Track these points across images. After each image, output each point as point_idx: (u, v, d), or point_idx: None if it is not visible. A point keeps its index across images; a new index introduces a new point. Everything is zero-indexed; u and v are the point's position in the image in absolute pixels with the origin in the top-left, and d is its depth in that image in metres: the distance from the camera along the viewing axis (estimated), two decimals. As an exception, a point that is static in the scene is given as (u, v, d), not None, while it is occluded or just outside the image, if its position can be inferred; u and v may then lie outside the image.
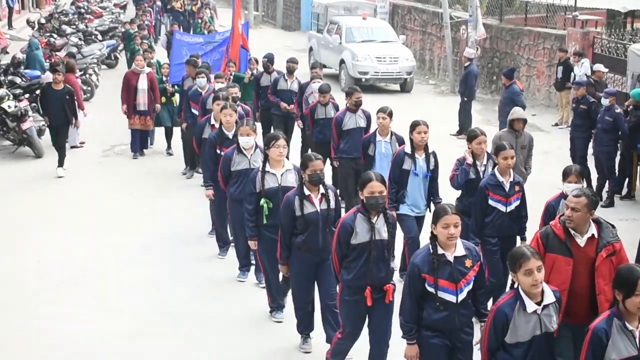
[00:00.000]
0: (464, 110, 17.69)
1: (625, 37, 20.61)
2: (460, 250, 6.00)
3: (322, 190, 7.45)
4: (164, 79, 15.76)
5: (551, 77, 20.06)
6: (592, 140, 13.45)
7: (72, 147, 16.25)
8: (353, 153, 11.09)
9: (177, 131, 15.17)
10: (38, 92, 17.45)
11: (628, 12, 24.38)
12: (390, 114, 10.22)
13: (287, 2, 38.94)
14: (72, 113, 14.48)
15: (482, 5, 23.65)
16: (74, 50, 21.69)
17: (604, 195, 13.02)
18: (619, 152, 13.26)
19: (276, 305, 8.56)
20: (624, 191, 13.30)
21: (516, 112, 10.91)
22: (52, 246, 10.91)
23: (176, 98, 15.32)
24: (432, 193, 9.28)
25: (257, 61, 15.90)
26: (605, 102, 12.86)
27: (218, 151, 9.71)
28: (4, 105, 15.12)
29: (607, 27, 22.87)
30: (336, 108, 12.34)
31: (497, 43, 23.09)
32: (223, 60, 15.69)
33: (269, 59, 15.14)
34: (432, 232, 6.00)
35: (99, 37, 26.65)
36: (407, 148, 9.22)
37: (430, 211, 9.04)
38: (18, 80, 17.32)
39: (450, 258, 5.95)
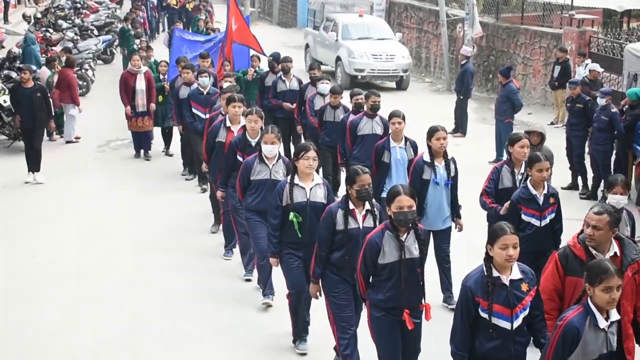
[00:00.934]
0: (460, 108, 17.70)
1: (622, 36, 20.61)
2: (516, 274, 5.56)
3: (367, 206, 6.88)
4: (162, 77, 15.47)
5: (547, 76, 20.07)
6: (588, 139, 13.47)
7: (67, 142, 16.27)
8: (366, 161, 10.24)
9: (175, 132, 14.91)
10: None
11: (624, 12, 24.41)
12: (404, 118, 9.72)
13: (283, -2, 38.93)
14: (45, 113, 13.67)
15: (478, 4, 23.65)
16: (70, 45, 21.63)
17: (599, 194, 13.04)
18: (614, 152, 13.28)
19: (300, 336, 7.87)
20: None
21: (534, 124, 10.23)
22: (47, 241, 10.90)
23: None
24: (452, 202, 8.81)
25: (259, 59, 15.60)
26: (601, 101, 12.86)
27: (239, 157, 9.08)
28: (0, 99, 15.08)
29: (604, 26, 22.89)
30: (346, 111, 11.88)
31: (494, 41, 23.10)
32: (218, 61, 15.32)
33: (275, 58, 14.69)
34: (487, 253, 5.54)
35: (95, 32, 26.60)
36: (426, 156, 8.67)
37: (454, 221, 8.88)
38: (14, 74, 17.28)
39: (506, 281, 5.52)
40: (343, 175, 11.39)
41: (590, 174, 13.39)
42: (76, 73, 18.20)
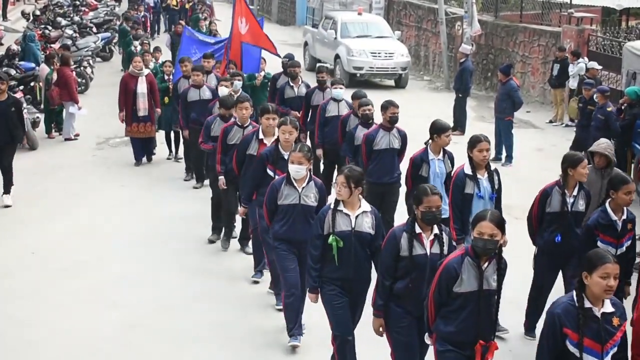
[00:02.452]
0: (459, 107, 17.71)
1: (620, 34, 20.67)
2: (608, 306, 5.07)
3: (436, 230, 6.25)
4: (166, 77, 14.64)
5: (546, 74, 20.10)
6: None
7: (66, 139, 16.26)
8: (382, 177, 9.76)
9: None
10: (32, 83, 17.50)
11: (623, 10, 24.46)
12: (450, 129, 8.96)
13: (282, -4, 38.93)
14: (19, 129, 12.19)
15: (477, 2, 23.67)
16: (69, 42, 21.63)
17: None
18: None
19: None
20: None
21: (600, 143, 8.95)
22: (46, 238, 10.90)
23: None
24: None
25: (264, 60, 15.03)
26: (595, 98, 12.99)
27: (269, 171, 8.29)
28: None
29: (602, 24, 22.96)
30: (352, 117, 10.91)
31: (492, 39, 23.11)
32: (222, 62, 14.68)
33: (290, 59, 13.88)
34: (580, 281, 5.05)
35: (94, 29, 26.63)
36: (467, 168, 7.95)
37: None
38: (13, 71, 17.31)
39: (598, 314, 5.03)
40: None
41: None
42: (75, 70, 18.22)
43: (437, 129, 8.77)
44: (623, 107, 13.24)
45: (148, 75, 14.21)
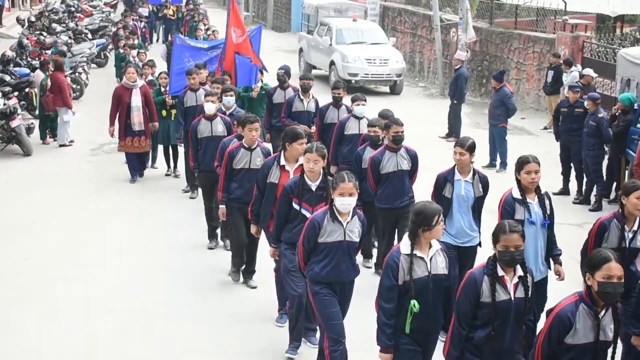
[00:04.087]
0: (454, 113, 17.74)
1: (615, 41, 20.70)
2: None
3: (520, 272, 5.63)
4: (162, 89, 13.90)
5: (540, 80, 20.12)
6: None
7: (60, 145, 16.25)
8: (393, 202, 9.21)
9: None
10: (27, 90, 17.49)
11: (617, 17, 24.52)
12: (471, 148, 8.01)
13: (277, 3, 38.93)
14: None
15: (472, 9, 23.70)
16: (64, 48, 21.62)
17: (592, 199, 13.08)
18: (606, 156, 13.32)
19: None
20: (612, 195, 13.34)
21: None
22: (40, 244, 10.88)
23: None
24: (548, 245, 7.35)
25: (261, 72, 14.26)
26: (586, 105, 13.02)
27: (295, 205, 7.48)
28: (-5, 103, 15.08)
29: (597, 31, 22.98)
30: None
31: (487, 46, 23.16)
32: (216, 73, 13.79)
33: (286, 71, 13.33)
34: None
35: (89, 35, 26.63)
36: (515, 192, 7.26)
37: (551, 269, 7.42)
38: (7, 77, 17.30)
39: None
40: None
41: (584, 179, 13.40)
42: (70, 77, 18.20)
43: (454, 144, 8.18)
44: (617, 114, 13.27)
45: (142, 87, 13.46)
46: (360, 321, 7.51)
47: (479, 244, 8.15)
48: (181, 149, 13.56)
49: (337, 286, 6.82)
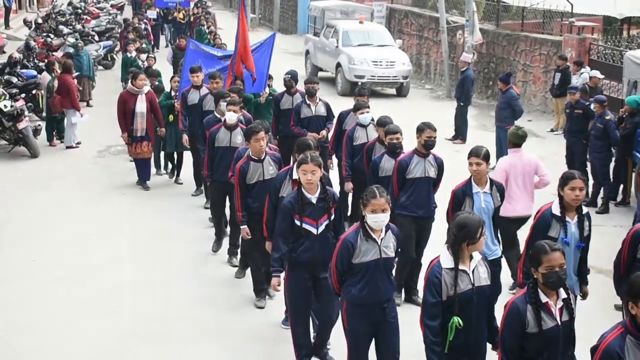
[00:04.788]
0: (460, 115, 17.73)
1: (622, 43, 20.67)
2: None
3: (563, 294, 5.25)
4: (173, 94, 13.70)
5: (547, 82, 20.10)
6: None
7: (67, 147, 16.28)
8: (417, 210, 8.69)
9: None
10: (34, 91, 17.54)
11: (624, 19, 24.48)
12: (486, 157, 7.75)
13: (284, 5, 38.95)
14: None
15: (478, 11, 23.71)
16: (71, 50, 21.66)
17: (599, 201, 13.06)
18: (613, 159, 13.31)
19: None
20: (619, 197, 13.33)
21: None
22: (47, 246, 10.90)
23: None
24: (580, 265, 6.97)
25: (270, 77, 14.05)
26: (593, 107, 13.01)
27: (297, 222, 7.09)
28: (0, 104, 15.11)
29: (604, 33, 22.96)
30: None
31: (494, 48, 23.14)
32: (227, 79, 13.33)
33: (293, 76, 12.89)
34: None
35: (96, 37, 26.67)
36: (555, 208, 6.82)
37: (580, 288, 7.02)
38: (14, 79, 17.35)
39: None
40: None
41: (590, 182, 13.38)
42: (76, 79, 18.21)
43: (468, 154, 7.83)
44: (624, 116, 13.25)
45: (148, 93, 13.25)
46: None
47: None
48: (186, 154, 13.49)
49: (377, 306, 6.39)
